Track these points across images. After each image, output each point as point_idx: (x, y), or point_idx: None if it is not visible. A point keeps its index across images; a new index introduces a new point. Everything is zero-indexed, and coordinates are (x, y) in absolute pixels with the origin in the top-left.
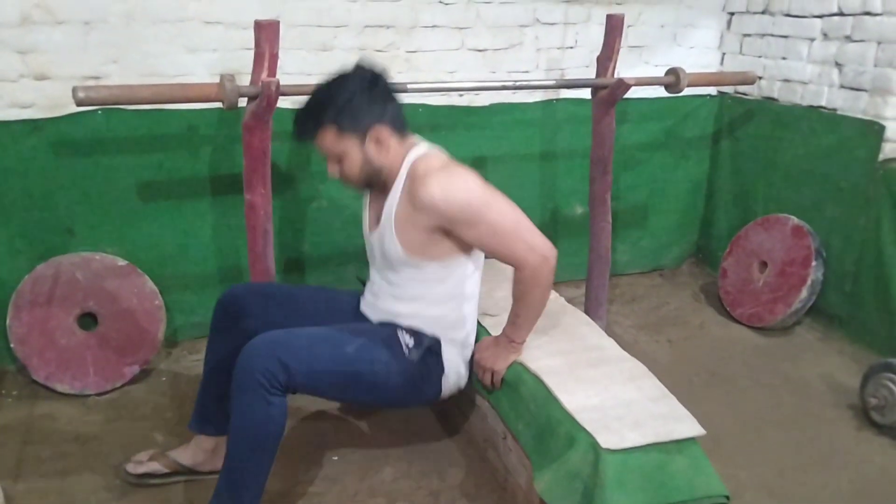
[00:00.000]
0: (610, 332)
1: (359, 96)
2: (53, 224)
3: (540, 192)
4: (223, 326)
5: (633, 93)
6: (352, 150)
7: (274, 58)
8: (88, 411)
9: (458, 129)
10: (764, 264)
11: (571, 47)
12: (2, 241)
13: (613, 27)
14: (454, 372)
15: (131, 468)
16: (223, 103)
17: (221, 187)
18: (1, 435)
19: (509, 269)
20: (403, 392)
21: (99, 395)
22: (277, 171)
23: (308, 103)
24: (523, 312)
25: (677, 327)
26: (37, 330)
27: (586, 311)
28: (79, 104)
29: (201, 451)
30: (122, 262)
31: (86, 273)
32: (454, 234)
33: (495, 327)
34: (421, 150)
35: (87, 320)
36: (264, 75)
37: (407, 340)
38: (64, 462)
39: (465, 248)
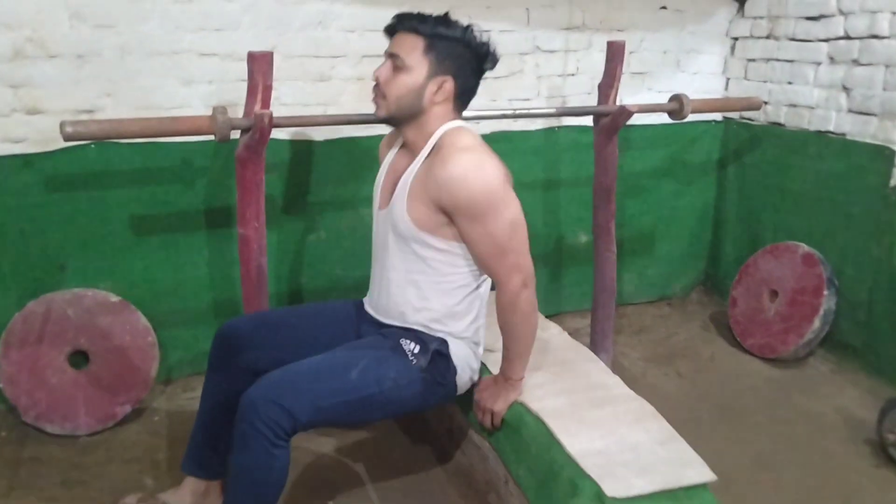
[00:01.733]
0: (617, 365)
1: (466, 49)
2: (45, 260)
3: (543, 220)
4: (221, 363)
5: (637, 119)
6: (416, 72)
7: (267, 89)
8: (78, 453)
9: None
10: (774, 293)
11: (573, 74)
12: None
13: (614, 54)
14: (466, 368)
15: None
16: (215, 136)
17: (217, 220)
18: None
19: None
20: (418, 400)
21: (90, 435)
22: (274, 202)
23: (428, 12)
24: (510, 345)
25: (687, 359)
26: (26, 369)
27: (592, 344)
28: (67, 139)
29: (191, 495)
30: (114, 299)
31: (77, 310)
32: (454, 222)
33: (494, 365)
34: (456, 123)
35: (79, 358)
36: (258, 107)
37: (412, 348)
38: None
39: None
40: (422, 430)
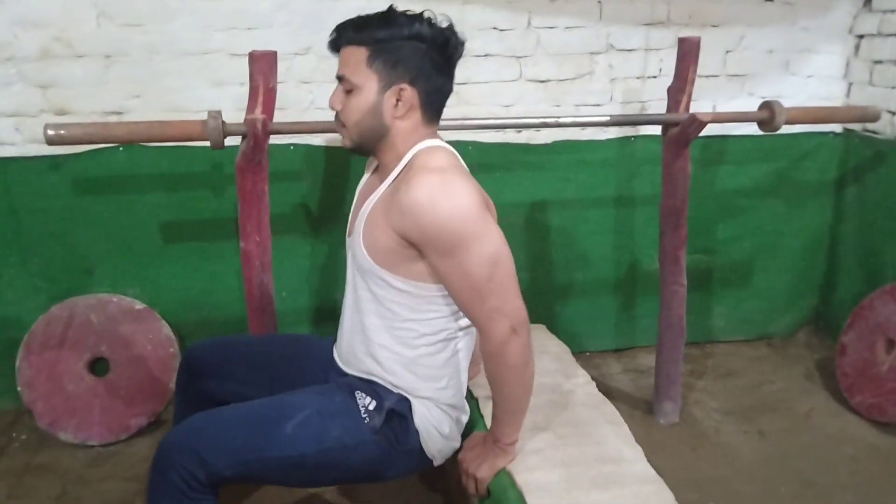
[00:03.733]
0: (687, 416)
1: (416, 46)
2: (73, 263)
3: (614, 242)
4: (185, 387)
5: (734, 129)
6: (368, 88)
7: (270, 92)
8: (86, 464)
9: (515, 169)
10: (891, 343)
11: (654, 77)
12: (22, 280)
13: (686, 52)
14: (435, 434)
15: None
16: (209, 143)
17: None
18: None
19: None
20: (373, 466)
21: (103, 446)
22: (309, 213)
23: (365, 15)
24: (498, 401)
25: (777, 414)
26: (45, 374)
27: (656, 390)
28: (49, 143)
29: None
30: (139, 306)
31: (100, 316)
32: (425, 257)
33: None
34: (432, 142)
35: (99, 365)
36: (258, 111)
37: (366, 402)
38: None
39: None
40: (438, 477)
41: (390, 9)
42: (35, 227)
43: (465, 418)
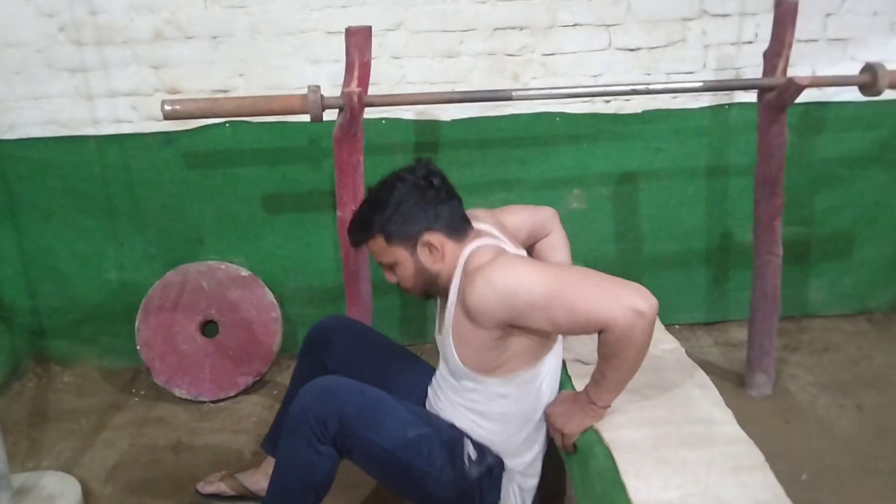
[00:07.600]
0: (780, 390)
1: (407, 203)
2: (185, 233)
3: (706, 213)
4: (310, 354)
5: (837, 94)
6: (402, 259)
7: (365, 66)
8: (198, 418)
9: (603, 139)
10: None
11: (750, 42)
12: (139, 247)
13: (783, 15)
14: (510, 500)
15: (201, 487)
16: (309, 116)
17: None
18: (115, 432)
19: None
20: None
21: (213, 402)
22: None
23: (358, 211)
24: (610, 374)
25: (875, 390)
26: (161, 334)
27: (748, 362)
28: (166, 118)
29: (266, 477)
30: (245, 273)
31: (210, 282)
32: (526, 327)
33: (584, 378)
34: (473, 245)
35: (209, 327)
36: (354, 85)
37: (471, 452)
38: (153, 470)
39: (539, 347)
40: None
41: (370, 193)
42: (150, 199)
43: (530, 485)
